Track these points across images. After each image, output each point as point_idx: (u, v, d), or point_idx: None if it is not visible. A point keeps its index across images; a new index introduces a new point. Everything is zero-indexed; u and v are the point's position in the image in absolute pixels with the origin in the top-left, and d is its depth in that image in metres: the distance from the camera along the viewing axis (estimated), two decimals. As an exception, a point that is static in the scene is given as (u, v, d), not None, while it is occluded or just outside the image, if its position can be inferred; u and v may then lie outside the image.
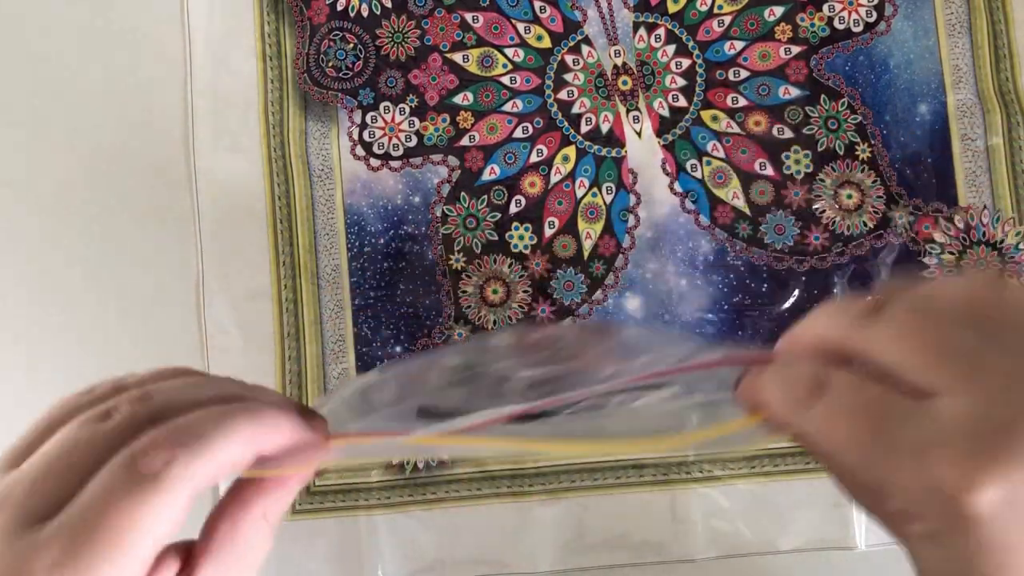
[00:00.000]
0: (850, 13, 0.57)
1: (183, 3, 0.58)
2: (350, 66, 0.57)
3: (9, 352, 0.58)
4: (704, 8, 0.57)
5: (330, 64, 0.57)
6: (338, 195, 0.57)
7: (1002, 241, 0.56)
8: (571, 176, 0.57)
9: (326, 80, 0.57)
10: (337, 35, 0.57)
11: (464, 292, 0.57)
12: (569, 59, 0.57)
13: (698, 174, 0.57)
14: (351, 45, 0.57)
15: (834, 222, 0.56)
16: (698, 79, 0.57)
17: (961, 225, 0.56)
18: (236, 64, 0.58)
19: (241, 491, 0.30)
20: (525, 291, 0.57)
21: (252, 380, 0.55)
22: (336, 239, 0.57)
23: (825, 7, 0.57)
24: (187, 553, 0.29)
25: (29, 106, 0.58)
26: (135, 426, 0.27)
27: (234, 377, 0.33)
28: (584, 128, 0.57)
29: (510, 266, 0.57)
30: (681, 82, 0.57)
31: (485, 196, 0.57)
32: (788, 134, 0.57)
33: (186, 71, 0.58)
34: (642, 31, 0.58)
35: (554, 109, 0.57)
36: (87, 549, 0.25)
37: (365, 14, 0.57)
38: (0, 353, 0.58)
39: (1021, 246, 0.56)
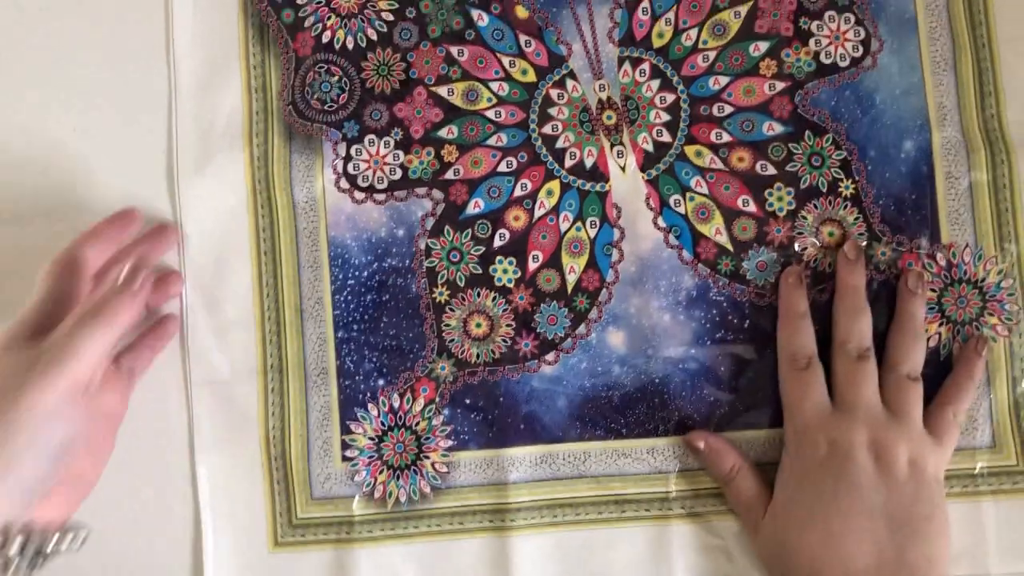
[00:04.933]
0: (836, 48, 0.57)
1: (168, 34, 0.58)
2: (335, 98, 0.57)
3: None
4: (689, 43, 0.57)
5: (315, 96, 0.57)
6: (322, 228, 0.57)
7: (983, 279, 0.56)
8: (555, 210, 0.57)
9: (311, 112, 0.57)
10: (322, 67, 0.57)
11: (447, 325, 0.57)
12: (554, 93, 0.57)
13: (681, 209, 0.57)
14: (336, 77, 0.57)
15: (816, 259, 0.56)
16: (682, 114, 0.57)
17: (943, 263, 0.56)
18: (221, 95, 0.57)
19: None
20: (508, 325, 0.57)
21: (236, 412, 0.56)
22: (320, 271, 0.57)
23: (811, 41, 0.57)
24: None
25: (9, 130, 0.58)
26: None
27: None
28: (568, 162, 0.57)
29: (494, 300, 0.57)
30: (665, 117, 0.57)
31: (469, 230, 0.57)
32: (771, 171, 0.57)
33: (171, 102, 0.58)
34: (627, 66, 0.57)
35: (538, 143, 0.57)
36: (63, 355, 0.45)
37: (350, 46, 0.57)
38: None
39: (1002, 284, 0.56)
